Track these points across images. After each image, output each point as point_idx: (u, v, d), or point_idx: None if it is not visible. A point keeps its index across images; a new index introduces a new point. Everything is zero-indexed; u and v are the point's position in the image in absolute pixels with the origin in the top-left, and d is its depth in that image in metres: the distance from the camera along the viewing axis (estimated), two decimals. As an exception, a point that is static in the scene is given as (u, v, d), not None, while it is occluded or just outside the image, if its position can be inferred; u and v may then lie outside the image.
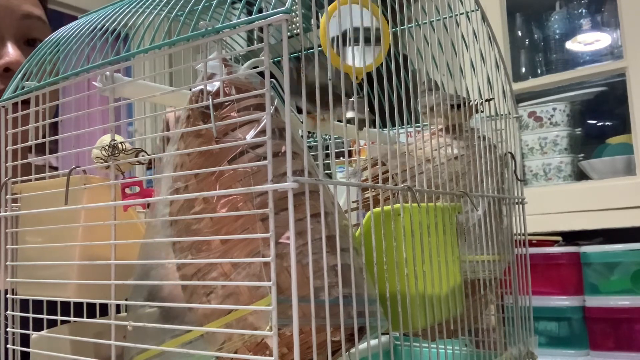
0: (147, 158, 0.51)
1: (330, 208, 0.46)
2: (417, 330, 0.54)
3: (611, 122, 1.74)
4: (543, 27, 1.81)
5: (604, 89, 1.69)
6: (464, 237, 0.64)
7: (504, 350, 0.71)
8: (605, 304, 1.31)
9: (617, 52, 1.64)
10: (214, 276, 0.44)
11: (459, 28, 0.70)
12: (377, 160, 0.63)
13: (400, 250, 0.52)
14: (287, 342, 0.42)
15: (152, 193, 0.51)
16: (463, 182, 0.68)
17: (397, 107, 0.52)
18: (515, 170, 0.77)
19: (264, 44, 0.39)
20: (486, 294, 0.68)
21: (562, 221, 1.49)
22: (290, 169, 0.38)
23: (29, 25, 0.80)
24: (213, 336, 0.45)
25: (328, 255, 0.43)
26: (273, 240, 0.38)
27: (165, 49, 0.44)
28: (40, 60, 0.55)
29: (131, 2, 0.51)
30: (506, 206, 0.76)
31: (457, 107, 0.72)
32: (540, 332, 1.36)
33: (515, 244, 0.75)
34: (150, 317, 0.47)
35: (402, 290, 0.51)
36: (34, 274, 0.54)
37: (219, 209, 0.44)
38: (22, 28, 0.79)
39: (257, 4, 0.40)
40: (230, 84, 0.47)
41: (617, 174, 1.52)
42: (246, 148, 0.45)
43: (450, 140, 0.74)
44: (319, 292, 0.42)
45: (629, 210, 1.41)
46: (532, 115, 1.65)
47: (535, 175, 1.64)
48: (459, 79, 0.69)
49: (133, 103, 0.89)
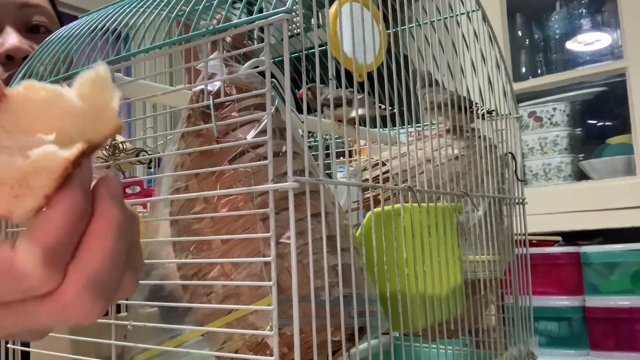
0: (148, 158, 0.51)
1: (330, 208, 0.46)
2: (418, 330, 0.54)
3: (611, 122, 1.74)
4: (543, 27, 1.81)
5: (604, 89, 1.69)
6: (464, 237, 0.64)
7: (504, 350, 0.71)
8: (605, 304, 1.31)
9: (617, 52, 1.64)
10: (215, 276, 0.44)
11: (459, 28, 0.70)
12: (378, 161, 0.63)
13: (400, 250, 0.52)
14: (287, 342, 0.42)
15: (152, 193, 0.51)
16: (463, 182, 0.68)
17: (397, 107, 0.52)
18: (516, 170, 0.77)
19: (265, 44, 0.39)
20: (486, 294, 0.68)
21: (562, 221, 1.49)
22: (291, 168, 0.38)
23: (28, 13, 0.80)
24: (214, 336, 0.45)
25: (328, 255, 0.43)
26: (274, 240, 0.38)
27: (165, 49, 0.44)
28: (41, 59, 0.55)
29: (131, 2, 0.51)
30: (506, 206, 0.76)
31: (458, 108, 0.72)
32: (540, 332, 1.36)
33: (516, 244, 0.75)
34: (150, 317, 0.47)
35: (402, 290, 0.51)
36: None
37: (220, 209, 0.44)
38: (21, 17, 0.80)
39: (258, 4, 0.40)
40: (231, 84, 0.47)
41: (617, 174, 1.52)
42: (247, 148, 0.45)
43: (451, 140, 0.74)
44: (319, 292, 0.42)
45: (629, 210, 1.41)
46: (532, 115, 1.65)
47: (535, 175, 1.64)
48: (459, 79, 0.69)
49: (133, 103, 0.89)
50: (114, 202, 0.27)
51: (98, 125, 0.27)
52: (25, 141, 0.25)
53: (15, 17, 0.79)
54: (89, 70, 0.27)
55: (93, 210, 0.27)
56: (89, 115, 0.27)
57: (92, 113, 0.27)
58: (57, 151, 0.25)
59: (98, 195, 0.27)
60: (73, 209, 0.26)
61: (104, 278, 0.27)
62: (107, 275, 0.27)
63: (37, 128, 0.26)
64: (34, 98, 0.26)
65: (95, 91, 0.27)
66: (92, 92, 0.27)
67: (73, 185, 0.26)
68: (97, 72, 0.27)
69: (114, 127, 0.28)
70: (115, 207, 0.27)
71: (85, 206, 0.26)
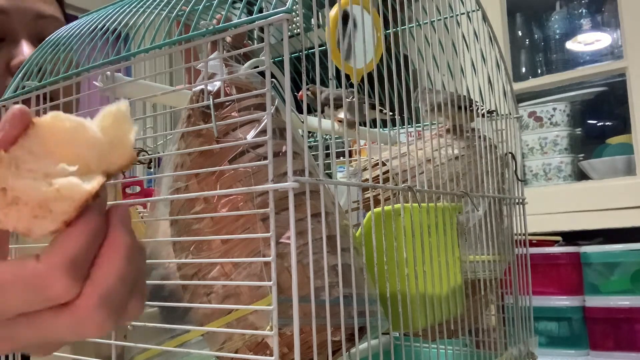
0: (148, 158, 0.51)
1: (330, 208, 0.46)
2: (418, 330, 0.54)
3: (611, 122, 1.74)
4: (543, 27, 1.81)
5: (604, 89, 1.69)
6: (464, 237, 0.64)
7: (504, 350, 0.71)
8: (605, 304, 1.31)
9: (617, 52, 1.64)
10: (215, 276, 0.44)
11: (459, 28, 0.70)
12: (378, 161, 0.63)
13: (400, 250, 0.52)
14: (287, 342, 0.42)
15: (152, 193, 0.51)
16: (464, 182, 0.68)
17: (397, 106, 0.52)
18: (516, 170, 0.77)
19: (265, 44, 0.39)
20: (486, 294, 0.68)
21: (562, 221, 1.49)
22: (291, 168, 0.38)
23: (43, 25, 0.80)
24: (214, 336, 0.45)
25: (328, 255, 0.43)
26: (274, 240, 0.38)
27: (165, 49, 0.44)
28: (41, 59, 0.55)
29: (131, 2, 0.51)
30: (506, 206, 0.76)
31: (458, 107, 0.72)
32: (540, 332, 1.36)
33: (516, 244, 0.75)
34: (150, 317, 0.47)
35: (402, 290, 0.51)
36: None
37: (220, 209, 0.44)
38: (36, 28, 0.79)
39: (258, 4, 0.40)
40: (230, 84, 0.47)
41: (617, 174, 1.52)
42: (247, 148, 0.45)
43: (451, 140, 0.74)
44: (319, 292, 0.42)
45: (629, 210, 1.41)
46: (532, 115, 1.65)
47: (535, 175, 1.64)
48: (459, 79, 0.69)
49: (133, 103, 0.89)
50: (125, 230, 0.30)
51: (115, 156, 0.30)
52: (49, 167, 0.28)
53: (29, 28, 0.79)
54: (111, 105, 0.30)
55: (105, 234, 0.30)
56: (108, 147, 0.29)
57: (111, 145, 0.30)
58: (80, 184, 0.27)
59: (111, 222, 0.30)
60: (91, 230, 0.29)
61: (115, 297, 0.29)
62: (118, 294, 0.29)
63: (60, 155, 0.28)
64: (59, 127, 0.28)
65: (116, 125, 0.30)
66: (113, 126, 0.30)
67: (92, 211, 0.29)
68: (118, 107, 0.30)
69: (129, 159, 0.30)
70: (126, 234, 0.30)
71: (101, 229, 0.29)
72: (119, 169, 0.30)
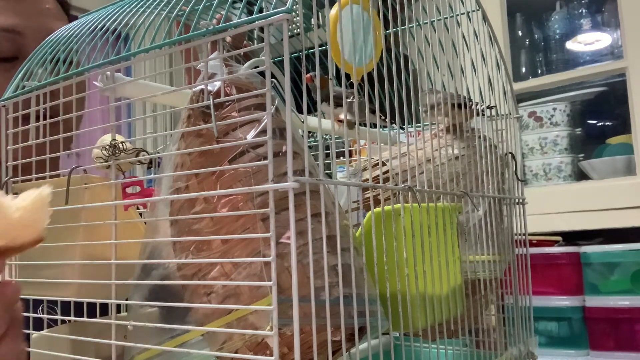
0: (148, 157, 0.50)
1: (330, 208, 0.46)
2: (418, 330, 0.54)
3: (611, 122, 1.74)
4: (543, 27, 1.81)
5: (604, 89, 1.69)
6: (464, 237, 0.64)
7: (504, 350, 0.71)
8: (605, 304, 1.31)
9: (617, 52, 1.64)
10: (215, 276, 0.44)
11: (459, 28, 0.70)
12: (378, 161, 0.63)
13: (400, 250, 0.52)
14: (287, 342, 0.42)
15: (152, 193, 0.51)
16: (464, 182, 0.68)
17: (397, 106, 0.52)
18: (516, 170, 0.77)
19: (265, 44, 0.39)
20: (486, 294, 0.68)
21: (562, 221, 1.49)
22: (291, 168, 0.38)
23: None
24: (214, 336, 0.45)
25: (328, 255, 0.43)
26: (274, 240, 0.38)
27: (165, 49, 0.44)
28: (41, 59, 0.55)
29: (131, 2, 0.51)
30: (506, 206, 0.76)
31: (457, 106, 0.72)
32: (540, 332, 1.36)
33: (516, 244, 0.75)
34: (150, 317, 0.47)
35: (402, 290, 0.51)
36: (34, 274, 0.54)
37: (220, 209, 0.44)
38: None
39: (258, 4, 0.40)
40: (231, 84, 0.47)
41: (617, 174, 1.52)
42: (247, 148, 0.45)
43: (451, 140, 0.74)
44: (319, 292, 0.42)
45: (629, 210, 1.41)
46: (532, 115, 1.65)
47: (535, 175, 1.64)
48: (459, 79, 0.69)
49: (133, 103, 0.89)
50: None
51: (23, 235, 0.34)
52: None
53: None
54: (35, 189, 0.35)
55: None
56: (17, 224, 0.34)
57: (22, 224, 0.34)
58: None
59: None
60: None
61: None
62: None
63: None
64: None
65: (31, 208, 0.34)
66: (29, 207, 0.34)
67: None
68: (40, 192, 0.35)
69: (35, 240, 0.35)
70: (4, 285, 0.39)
71: None
72: (21, 247, 0.34)
